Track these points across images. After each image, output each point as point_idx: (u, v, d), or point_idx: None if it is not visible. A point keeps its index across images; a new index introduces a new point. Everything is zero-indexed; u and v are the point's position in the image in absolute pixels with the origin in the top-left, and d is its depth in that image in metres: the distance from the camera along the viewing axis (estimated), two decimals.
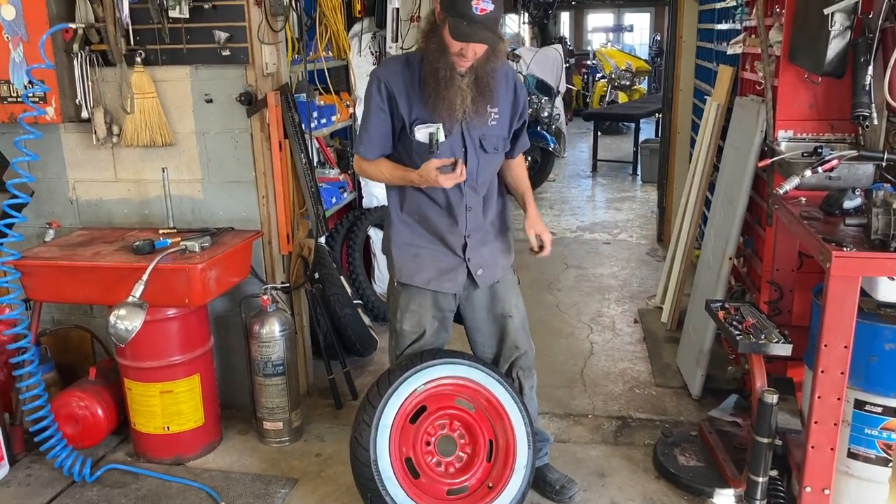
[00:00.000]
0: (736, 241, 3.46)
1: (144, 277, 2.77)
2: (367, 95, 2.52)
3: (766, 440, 2.51)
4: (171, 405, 3.11)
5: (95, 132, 3.24)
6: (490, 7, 2.25)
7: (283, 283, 3.46)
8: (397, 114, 2.49)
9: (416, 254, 2.60)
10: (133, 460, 3.21)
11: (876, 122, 2.71)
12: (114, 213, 3.45)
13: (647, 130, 10.76)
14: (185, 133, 3.30)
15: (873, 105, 2.66)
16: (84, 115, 3.21)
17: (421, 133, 2.47)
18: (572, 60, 13.86)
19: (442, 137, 2.46)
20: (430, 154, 2.45)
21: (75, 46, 3.11)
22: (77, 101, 3.17)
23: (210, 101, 3.24)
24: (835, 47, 2.71)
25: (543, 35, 14.66)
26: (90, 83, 3.18)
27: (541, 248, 2.66)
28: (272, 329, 3.19)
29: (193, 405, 3.16)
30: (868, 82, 2.65)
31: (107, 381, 3.26)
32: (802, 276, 3.05)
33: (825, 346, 2.25)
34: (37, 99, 3.09)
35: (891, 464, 2.36)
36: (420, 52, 2.47)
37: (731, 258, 3.47)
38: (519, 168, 2.82)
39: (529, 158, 8.06)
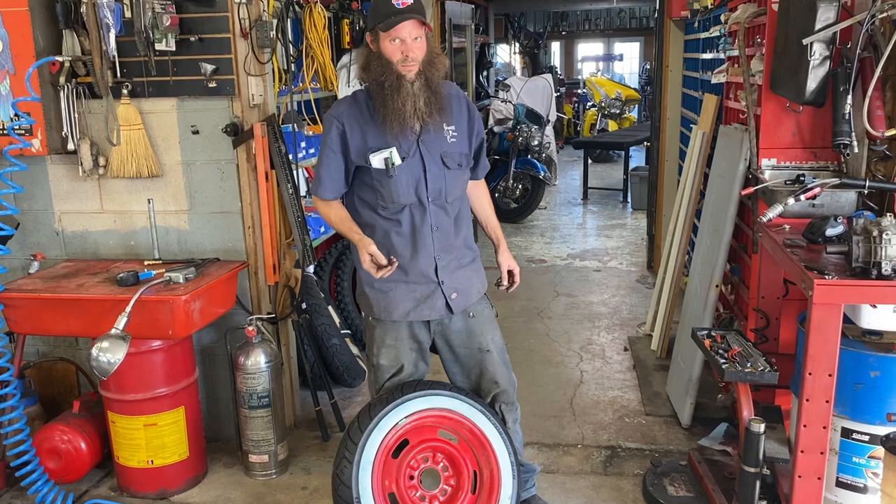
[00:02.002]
0: (722, 268, 3.47)
1: (127, 309, 2.76)
2: (322, 137, 2.56)
3: (753, 470, 2.49)
4: (155, 438, 3.08)
5: (81, 164, 3.25)
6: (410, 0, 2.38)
7: (269, 313, 3.44)
8: (353, 148, 2.51)
9: (389, 289, 2.58)
10: (116, 495, 3.17)
11: (857, 149, 2.74)
12: (99, 245, 3.44)
13: (637, 158, 10.84)
14: (171, 164, 3.31)
15: (854, 133, 2.69)
16: (70, 147, 3.22)
17: (376, 160, 2.49)
18: (563, 89, 13.99)
19: (397, 160, 2.49)
20: (388, 178, 2.48)
21: (62, 79, 3.12)
22: (63, 133, 3.18)
23: (196, 132, 3.25)
24: (815, 77, 2.74)
25: (534, 64, 14.81)
26: (76, 115, 3.19)
27: (510, 283, 2.78)
28: (258, 360, 3.17)
29: (178, 438, 3.13)
30: (848, 111, 2.68)
31: (91, 415, 3.23)
32: (788, 304, 3.04)
33: (810, 374, 2.24)
34: (23, 131, 3.10)
35: (879, 493, 2.34)
36: (364, 83, 2.53)
37: (717, 285, 3.47)
38: (483, 194, 2.85)
39: (521, 186, 8.10)
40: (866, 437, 2.40)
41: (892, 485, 2.18)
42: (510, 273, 2.79)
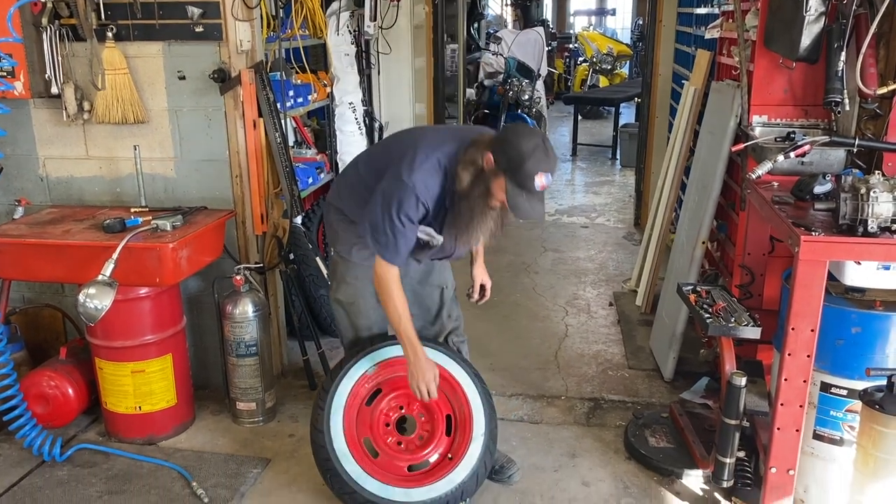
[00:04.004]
0: (709, 225, 3.48)
1: (114, 256, 2.74)
2: (400, 200, 2.40)
3: (734, 422, 2.54)
4: (143, 385, 3.09)
5: (66, 108, 3.19)
6: (550, 182, 2.30)
7: (256, 263, 3.44)
8: None
9: (360, 240, 2.65)
10: (104, 440, 3.19)
11: (848, 108, 2.73)
12: (85, 191, 3.40)
13: (628, 115, 10.78)
14: (157, 110, 3.25)
15: (845, 91, 2.68)
16: (54, 90, 3.15)
17: (423, 232, 2.53)
18: (554, 44, 13.81)
19: (438, 242, 2.58)
20: (426, 248, 2.58)
21: (44, 20, 3.04)
22: (46, 76, 3.11)
23: (183, 77, 3.20)
24: (809, 33, 2.73)
25: (526, 17, 14.59)
26: (60, 58, 3.12)
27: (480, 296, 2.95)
28: (245, 309, 3.18)
29: (166, 385, 3.14)
30: (841, 68, 2.68)
31: (78, 361, 3.23)
32: (774, 261, 3.08)
33: (792, 329, 2.27)
34: (4, 73, 3.03)
35: (854, 445, 2.40)
36: (457, 180, 2.41)
37: (704, 242, 3.50)
38: None
39: None
40: (844, 392, 2.44)
41: (868, 437, 2.23)
42: (482, 287, 2.95)
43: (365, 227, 2.48)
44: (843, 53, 2.66)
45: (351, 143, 4.44)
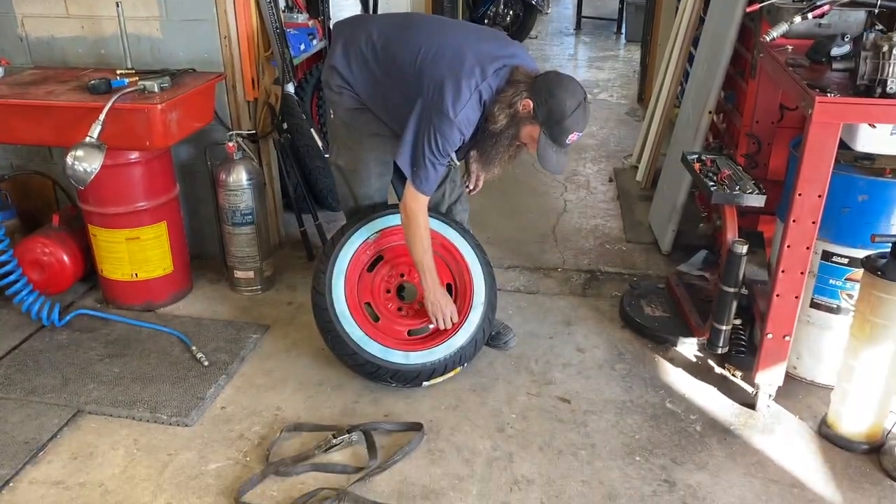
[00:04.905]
0: (717, 93, 3.37)
1: (101, 117, 2.64)
2: (444, 133, 2.36)
3: (732, 289, 2.53)
4: (138, 252, 3.07)
5: None
6: (580, 137, 2.36)
7: (249, 130, 3.33)
8: None
9: (363, 113, 2.64)
10: (102, 306, 3.20)
11: None
12: (67, 52, 3.25)
13: None
14: None
15: None
16: None
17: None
18: None
19: (455, 167, 2.72)
20: (447, 166, 2.60)
21: None
22: None
23: None
24: None
25: None
26: None
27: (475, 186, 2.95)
28: (239, 177, 3.11)
29: (161, 252, 3.12)
30: None
31: (71, 229, 3.19)
32: (781, 131, 2.99)
33: (799, 194, 2.22)
34: None
35: (851, 313, 2.41)
36: (491, 119, 2.39)
37: (710, 112, 3.39)
38: None
39: (511, 13, 7.74)
40: (845, 260, 2.43)
41: (867, 303, 2.23)
42: (478, 178, 2.90)
43: (403, 153, 2.43)
44: None
45: (344, 6, 4.24)
